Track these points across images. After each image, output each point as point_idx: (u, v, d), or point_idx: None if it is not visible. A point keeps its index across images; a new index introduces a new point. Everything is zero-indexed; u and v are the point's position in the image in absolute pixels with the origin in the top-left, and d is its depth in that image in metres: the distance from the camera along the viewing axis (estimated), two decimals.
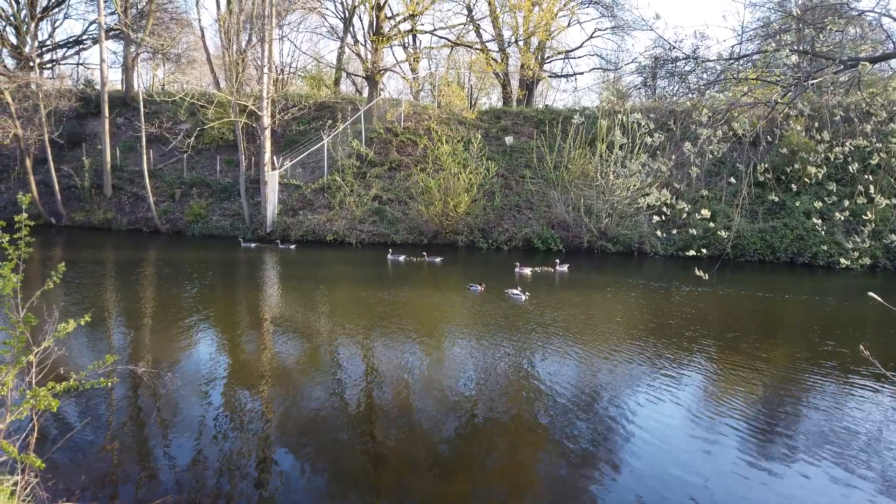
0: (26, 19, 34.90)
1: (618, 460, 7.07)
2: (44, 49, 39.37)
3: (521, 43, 37.04)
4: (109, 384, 5.34)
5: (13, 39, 36.02)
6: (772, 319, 14.42)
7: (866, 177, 7.72)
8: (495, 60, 36.96)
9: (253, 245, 25.02)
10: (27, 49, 34.66)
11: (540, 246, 25.02)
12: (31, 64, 33.00)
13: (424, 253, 22.54)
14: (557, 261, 20.36)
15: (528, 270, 19.42)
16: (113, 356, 5.50)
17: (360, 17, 37.16)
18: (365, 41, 35.03)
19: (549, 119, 30.47)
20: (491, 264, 22.26)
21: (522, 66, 36.63)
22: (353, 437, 7.58)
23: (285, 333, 12.33)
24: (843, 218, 6.98)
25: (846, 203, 7.58)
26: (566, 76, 45.20)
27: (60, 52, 41.36)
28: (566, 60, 43.81)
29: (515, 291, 15.82)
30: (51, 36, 40.66)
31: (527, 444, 7.54)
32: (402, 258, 21.78)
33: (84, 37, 40.54)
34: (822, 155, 6.84)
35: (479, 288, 16.43)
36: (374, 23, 31.77)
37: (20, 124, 28.65)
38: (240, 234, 27.24)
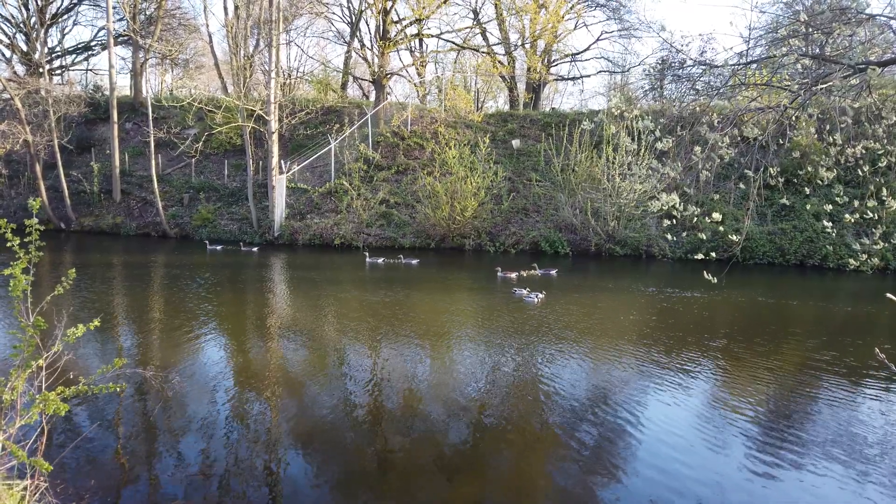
0: (36, 26, 35.22)
1: (627, 465, 7.04)
2: (53, 55, 39.71)
3: (527, 46, 37.07)
4: (119, 389, 5.36)
5: (23, 46, 36.35)
6: (782, 322, 14.33)
7: (877, 179, 7.68)
8: (502, 63, 37.02)
9: (219, 248, 25.09)
10: (37, 55, 34.97)
11: (547, 249, 24.99)
12: (41, 70, 33.32)
13: (401, 255, 22.70)
14: (535, 265, 20.07)
15: (513, 275, 19.01)
16: (122, 360, 5.52)
17: (366, 22, 37.38)
18: (372, 45, 35.15)
19: (556, 122, 30.49)
20: (474, 267, 22.22)
21: (529, 69, 36.66)
22: (360, 440, 7.57)
23: (290, 335, 12.34)
24: (853, 220, 6.95)
25: (856, 205, 7.54)
26: (573, 79, 45.20)
27: (70, 59, 41.70)
28: (573, 63, 43.86)
29: (530, 293, 15.71)
30: (60, 42, 41.22)
31: (534, 449, 7.51)
32: (380, 260, 21.94)
33: (93, 43, 40.85)
34: (833, 158, 6.81)
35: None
36: (381, 27, 31.86)
37: (30, 130, 28.88)
38: (247, 237, 27.37)
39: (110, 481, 6.40)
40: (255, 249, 24.74)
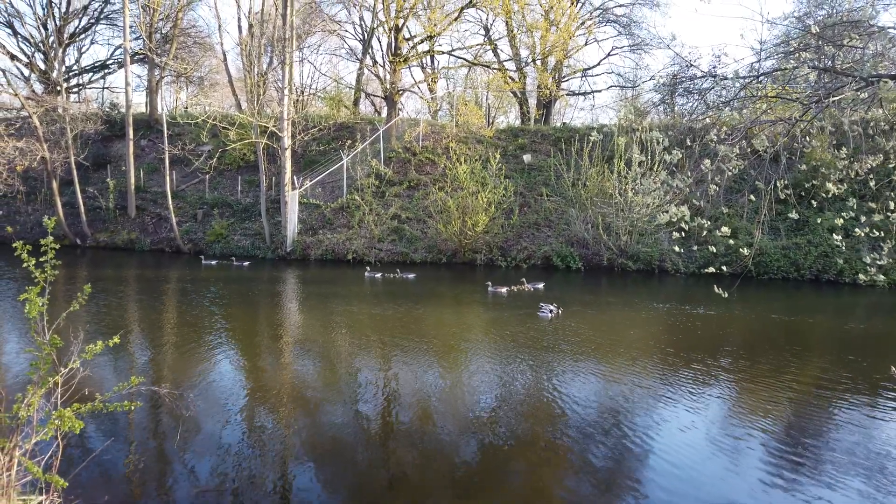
0: (54, 45, 35.91)
1: (639, 482, 6.98)
2: (71, 74, 40.38)
3: (538, 62, 37.23)
4: (133, 407, 5.40)
5: (41, 65, 37.03)
6: (796, 340, 14.20)
7: (888, 193, 7.63)
8: (512, 79, 37.17)
9: (214, 262, 25.46)
10: (55, 74, 35.61)
11: (559, 264, 24.93)
12: (59, 88, 33.86)
13: (398, 269, 22.85)
14: (524, 279, 20.02)
15: (503, 290, 18.95)
16: (137, 377, 5.57)
17: (378, 39, 37.77)
18: (384, 62, 35.45)
19: (567, 137, 30.51)
20: (466, 281, 22.23)
21: (539, 85, 36.80)
22: (371, 456, 7.57)
23: (302, 351, 12.38)
24: (863, 234, 6.90)
25: (864, 219, 7.49)
26: (584, 94, 45.30)
27: (87, 77, 42.38)
28: (583, 78, 43.98)
29: (551, 307, 15.59)
30: (77, 61, 41.75)
31: (546, 465, 7.47)
32: (377, 275, 22.06)
33: (110, 61, 41.54)
34: (843, 172, 6.78)
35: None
36: (393, 44, 32.16)
37: (47, 147, 29.30)
38: (260, 253, 27.57)
39: (124, 497, 6.43)
40: (245, 264, 24.92)
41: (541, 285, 19.81)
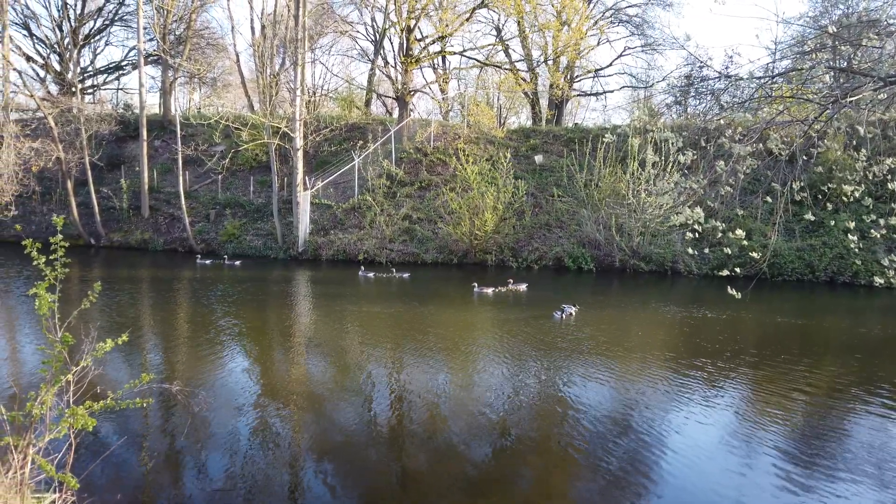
0: (69, 47, 36.27)
1: (651, 487, 6.92)
2: (85, 75, 40.77)
3: (549, 62, 37.11)
4: (145, 405, 5.42)
5: (57, 66, 37.39)
6: (811, 341, 14.05)
7: None
8: (524, 80, 37.08)
9: (208, 262, 25.72)
10: (70, 75, 35.97)
11: (571, 265, 24.81)
12: (74, 89, 34.18)
13: (394, 269, 22.93)
14: (510, 280, 19.92)
15: (490, 290, 18.85)
16: (149, 375, 5.59)
17: (390, 40, 37.76)
18: (395, 63, 35.49)
19: (579, 137, 30.36)
20: (453, 281, 22.19)
21: (551, 85, 36.68)
22: (382, 456, 7.56)
23: (315, 350, 12.39)
24: (880, 236, 6.80)
25: (882, 222, 7.39)
26: (596, 94, 45.11)
27: (101, 78, 42.79)
28: (596, 79, 43.77)
29: (571, 309, 15.52)
30: (92, 62, 42.16)
31: (557, 465, 7.42)
32: (371, 275, 22.14)
33: (124, 63, 41.93)
34: (861, 173, 6.68)
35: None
36: (405, 45, 32.18)
37: (62, 148, 29.54)
38: (272, 253, 27.69)
39: (136, 496, 6.46)
40: (237, 263, 25.06)
41: (524, 286, 19.72)
